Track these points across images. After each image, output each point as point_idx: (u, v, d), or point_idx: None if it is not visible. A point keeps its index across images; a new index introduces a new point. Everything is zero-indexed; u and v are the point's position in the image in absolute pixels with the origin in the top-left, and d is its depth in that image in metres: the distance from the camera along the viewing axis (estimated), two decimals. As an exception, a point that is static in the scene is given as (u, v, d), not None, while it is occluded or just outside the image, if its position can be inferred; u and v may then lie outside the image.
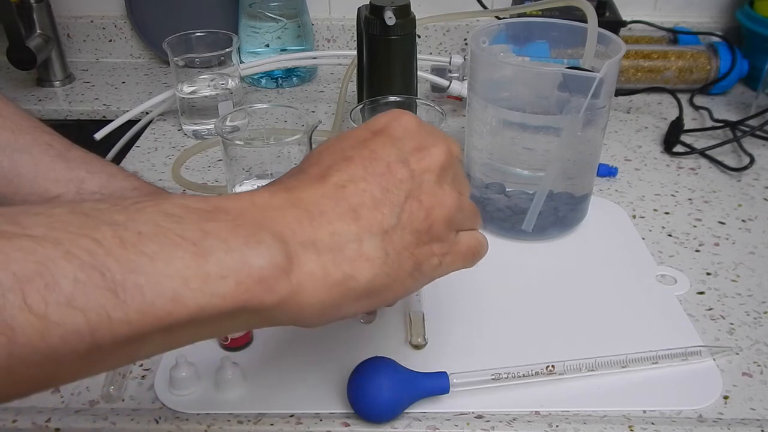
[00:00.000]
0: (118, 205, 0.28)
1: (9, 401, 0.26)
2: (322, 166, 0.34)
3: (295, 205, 0.32)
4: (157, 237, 0.27)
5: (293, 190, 0.33)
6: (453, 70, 0.82)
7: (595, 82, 0.51)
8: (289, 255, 0.30)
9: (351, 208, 0.33)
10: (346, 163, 0.34)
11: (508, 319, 0.52)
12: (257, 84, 0.93)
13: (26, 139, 0.47)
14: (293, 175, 0.35)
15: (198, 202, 0.30)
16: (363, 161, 0.34)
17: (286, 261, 0.30)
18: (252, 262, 0.29)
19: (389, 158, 0.35)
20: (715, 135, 0.80)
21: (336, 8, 1.00)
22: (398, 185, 0.34)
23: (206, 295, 0.27)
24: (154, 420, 0.44)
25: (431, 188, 0.36)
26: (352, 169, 0.34)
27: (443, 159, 0.36)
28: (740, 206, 0.67)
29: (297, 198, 0.32)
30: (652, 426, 0.44)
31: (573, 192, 0.60)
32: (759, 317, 0.53)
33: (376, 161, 0.35)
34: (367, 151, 0.35)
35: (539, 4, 0.65)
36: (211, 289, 0.27)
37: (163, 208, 0.28)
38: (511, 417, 0.44)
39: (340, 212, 0.33)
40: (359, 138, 0.36)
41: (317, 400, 0.45)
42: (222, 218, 0.29)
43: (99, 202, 0.28)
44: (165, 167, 0.74)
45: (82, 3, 1.00)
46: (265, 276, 0.29)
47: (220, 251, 0.28)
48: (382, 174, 0.34)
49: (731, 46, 0.88)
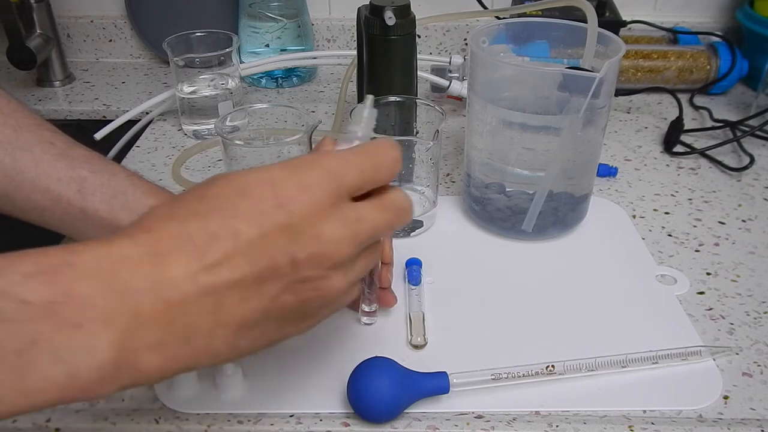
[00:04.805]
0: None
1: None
2: (206, 231, 0.31)
3: (156, 291, 0.29)
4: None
5: (163, 261, 0.30)
6: (453, 70, 0.82)
7: (595, 82, 0.51)
8: (123, 361, 0.28)
9: (216, 300, 0.30)
10: (230, 242, 0.31)
11: (508, 319, 0.52)
12: (257, 84, 0.93)
13: (28, 137, 0.47)
14: (177, 220, 0.31)
15: (41, 290, 0.27)
16: (248, 248, 0.31)
17: (116, 369, 0.28)
18: (81, 375, 0.27)
19: (276, 252, 0.31)
20: (715, 135, 0.80)
21: (336, 8, 1.00)
22: (277, 281, 0.32)
23: (18, 406, 0.26)
24: (154, 420, 0.44)
25: (315, 283, 0.33)
26: (233, 254, 0.30)
27: (341, 256, 0.33)
28: (740, 206, 0.67)
29: (161, 278, 0.29)
30: (652, 426, 0.44)
31: (573, 192, 0.60)
32: (759, 317, 0.53)
33: (262, 254, 0.31)
34: (258, 233, 0.31)
35: (539, 4, 0.65)
36: (27, 401, 0.26)
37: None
38: (511, 417, 0.44)
39: (203, 304, 0.30)
40: (258, 205, 0.32)
41: (317, 400, 0.45)
42: (61, 314, 0.27)
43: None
44: (165, 167, 0.74)
45: (82, 3, 1.00)
46: (90, 385, 0.27)
47: (45, 364, 0.26)
48: (263, 268, 0.31)
49: (731, 46, 0.88)
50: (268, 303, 0.32)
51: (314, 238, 0.32)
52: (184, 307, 0.30)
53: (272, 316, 0.33)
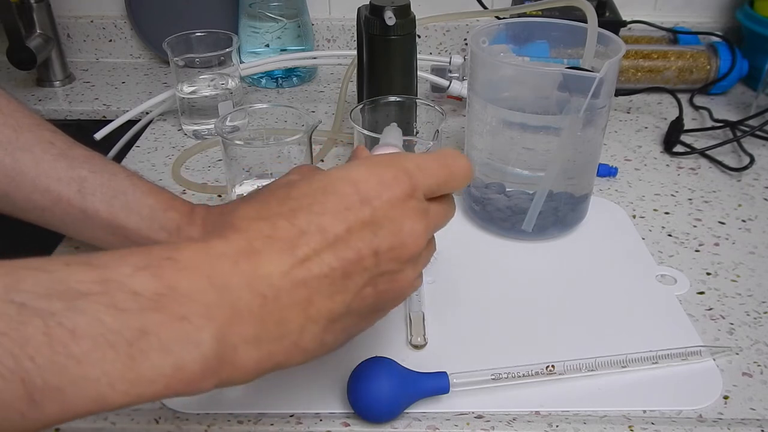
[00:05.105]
0: (62, 286, 0.26)
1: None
2: (295, 227, 0.32)
3: (252, 286, 0.30)
4: (92, 335, 0.26)
5: (257, 258, 0.31)
6: (453, 70, 0.82)
7: (595, 82, 0.51)
8: (224, 355, 0.29)
9: (307, 295, 0.32)
10: (319, 237, 0.32)
11: (508, 319, 0.52)
12: (257, 84, 0.93)
13: (28, 137, 0.47)
14: (265, 220, 0.33)
15: (148, 283, 0.28)
16: (335, 242, 0.33)
17: (218, 363, 0.29)
18: (185, 367, 0.28)
19: (362, 245, 0.33)
20: (715, 135, 0.80)
21: (336, 8, 1.00)
22: (361, 274, 0.33)
23: (130, 396, 0.27)
24: (154, 420, 0.44)
25: (392, 276, 0.35)
26: (322, 249, 0.32)
27: (416, 249, 0.35)
28: (740, 206, 0.67)
29: (257, 273, 0.31)
30: (652, 426, 0.44)
31: (573, 192, 0.60)
32: (759, 317, 0.53)
33: (348, 247, 0.33)
34: (344, 227, 0.33)
35: (539, 4, 0.65)
36: (137, 391, 0.27)
37: (109, 298, 0.27)
38: (511, 417, 0.44)
39: (295, 298, 0.31)
40: (342, 201, 0.34)
41: (317, 400, 0.45)
42: (169, 308, 0.28)
43: (44, 279, 0.26)
44: (165, 167, 0.74)
45: (82, 3, 1.00)
46: (195, 378, 0.28)
47: (155, 353, 0.27)
48: (350, 261, 0.33)
49: (731, 46, 0.88)
50: (351, 297, 0.33)
51: (395, 232, 0.34)
52: (278, 303, 0.31)
53: (354, 309, 0.34)
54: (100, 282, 0.27)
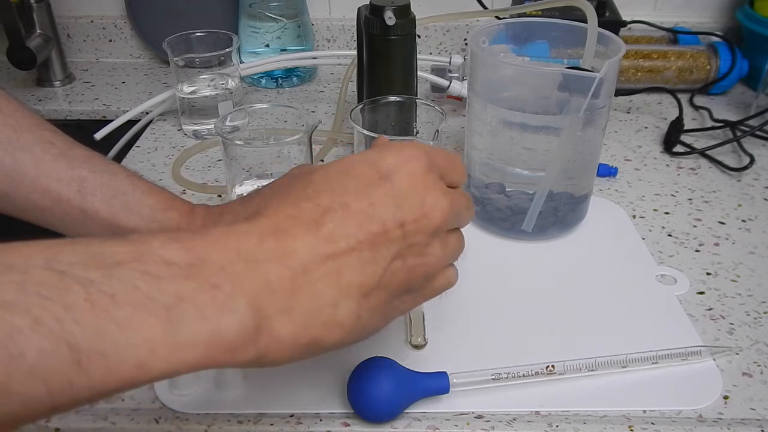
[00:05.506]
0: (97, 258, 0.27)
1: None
2: (320, 207, 0.33)
3: (281, 260, 0.31)
4: (130, 300, 0.26)
5: (283, 236, 0.32)
6: (453, 70, 0.82)
7: (595, 82, 0.51)
8: (260, 324, 0.30)
9: (336, 268, 0.32)
10: (343, 213, 0.33)
11: (508, 319, 0.52)
12: (257, 84, 0.93)
13: (28, 137, 0.47)
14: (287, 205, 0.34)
15: (180, 254, 0.29)
16: (359, 216, 0.34)
17: (255, 331, 0.29)
18: (223, 333, 0.28)
19: (386, 217, 0.34)
20: (715, 135, 0.80)
21: (336, 8, 1.00)
22: (388, 246, 0.34)
23: (172, 363, 0.27)
24: (154, 420, 0.44)
25: (420, 249, 0.35)
26: (347, 223, 0.33)
27: (441, 221, 0.36)
28: (740, 206, 0.67)
29: (284, 250, 0.31)
30: (652, 426, 0.44)
31: (573, 192, 0.60)
32: (759, 317, 0.53)
33: (373, 220, 0.34)
34: (367, 203, 0.34)
35: (539, 4, 0.65)
36: (178, 357, 0.27)
37: (142, 265, 0.28)
38: (511, 417, 0.44)
39: (325, 272, 0.32)
40: (363, 180, 0.35)
41: (317, 400, 0.45)
42: (201, 276, 0.29)
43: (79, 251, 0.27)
44: (165, 167, 0.74)
45: (82, 3, 1.00)
46: (233, 345, 0.29)
47: (192, 319, 0.28)
48: (375, 233, 0.34)
49: (731, 46, 0.88)
50: (382, 270, 0.34)
51: (417, 204, 0.35)
52: (308, 276, 0.31)
53: (385, 284, 0.34)
54: (134, 252, 0.28)
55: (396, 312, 0.37)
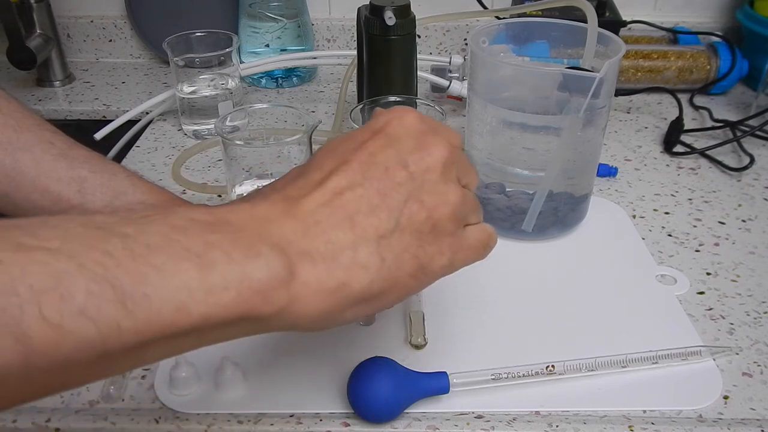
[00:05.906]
0: (127, 218, 0.29)
1: (22, 404, 0.27)
2: (324, 170, 0.35)
3: (292, 216, 0.33)
4: (165, 249, 0.28)
5: (291, 200, 0.34)
6: (453, 70, 0.82)
7: (595, 82, 0.51)
8: (287, 266, 0.31)
9: (347, 215, 0.33)
10: (344, 167, 0.35)
11: (508, 319, 0.52)
12: (257, 84, 0.93)
13: (28, 138, 0.47)
14: (294, 180, 0.36)
15: (202, 214, 0.31)
16: (361, 166, 0.35)
17: (284, 272, 0.31)
18: (252, 275, 0.30)
19: (387, 161, 0.35)
20: (715, 135, 0.80)
21: (336, 8, 1.00)
22: (397, 188, 0.35)
23: (209, 306, 0.28)
24: (154, 420, 0.44)
25: (433, 187, 0.36)
26: (350, 174, 0.34)
27: (445, 156, 0.36)
28: (740, 206, 0.67)
29: (294, 208, 0.33)
30: (652, 426, 0.44)
31: (573, 192, 0.60)
32: (759, 317, 0.53)
33: (374, 165, 0.35)
34: (366, 154, 0.35)
35: (539, 4, 0.65)
36: (214, 299, 0.28)
37: (170, 220, 0.30)
38: (511, 417, 0.44)
39: (336, 221, 0.33)
40: (359, 140, 0.36)
41: (317, 400, 0.45)
42: (224, 230, 0.30)
43: (109, 216, 0.30)
44: (165, 167, 0.74)
45: (82, 3, 1.00)
46: (264, 287, 0.30)
47: (222, 263, 0.29)
48: (379, 179, 0.34)
49: (731, 46, 0.88)
50: (397, 213, 0.34)
51: (417, 144, 0.36)
52: (320, 226, 0.33)
53: (405, 225, 0.35)
54: (162, 213, 0.30)
55: (436, 262, 0.36)
